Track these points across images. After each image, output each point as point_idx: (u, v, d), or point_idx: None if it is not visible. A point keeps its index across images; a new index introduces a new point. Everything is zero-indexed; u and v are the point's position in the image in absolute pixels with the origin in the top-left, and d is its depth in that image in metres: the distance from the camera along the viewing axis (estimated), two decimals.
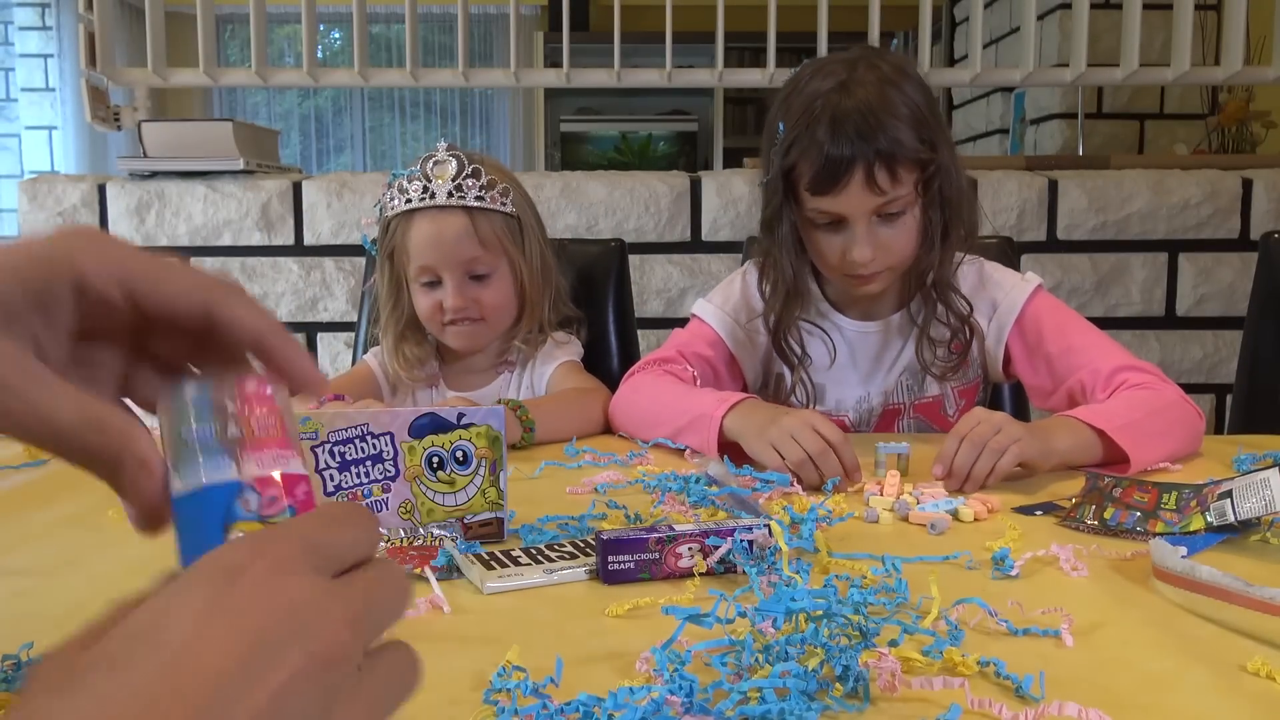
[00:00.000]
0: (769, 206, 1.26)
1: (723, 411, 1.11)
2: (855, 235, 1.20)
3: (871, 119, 1.16)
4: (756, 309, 1.34)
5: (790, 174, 1.22)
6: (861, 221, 1.20)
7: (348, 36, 4.51)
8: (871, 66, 1.20)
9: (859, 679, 0.54)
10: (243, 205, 2.07)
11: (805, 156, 1.19)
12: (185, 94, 5.40)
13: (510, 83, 2.38)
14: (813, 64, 1.25)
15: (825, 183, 1.18)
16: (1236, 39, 2.26)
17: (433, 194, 1.31)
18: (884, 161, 1.16)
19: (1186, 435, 1.14)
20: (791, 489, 0.96)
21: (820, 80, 1.20)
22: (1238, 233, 2.09)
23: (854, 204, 1.19)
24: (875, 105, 1.16)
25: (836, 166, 1.16)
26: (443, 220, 1.32)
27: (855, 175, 1.16)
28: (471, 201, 1.32)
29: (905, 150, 1.17)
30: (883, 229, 1.21)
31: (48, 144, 5.10)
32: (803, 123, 1.19)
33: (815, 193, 1.20)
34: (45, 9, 5.03)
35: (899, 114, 1.17)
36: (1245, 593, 0.63)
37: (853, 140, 1.15)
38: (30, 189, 2.08)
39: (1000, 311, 1.30)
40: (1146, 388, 1.16)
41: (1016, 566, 0.75)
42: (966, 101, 4.06)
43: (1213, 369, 2.11)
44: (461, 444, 0.80)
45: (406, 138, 6.00)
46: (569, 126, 5.36)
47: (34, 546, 0.84)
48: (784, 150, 1.21)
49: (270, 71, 2.31)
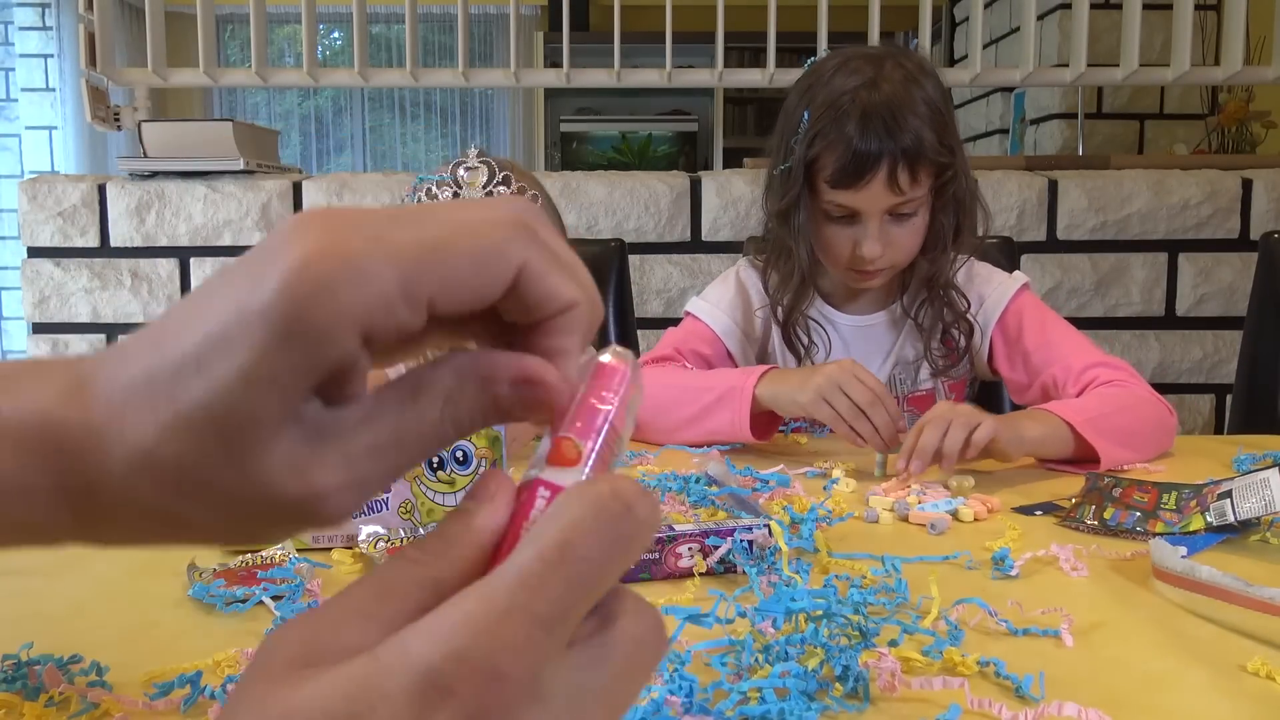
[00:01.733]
0: (786, 195, 1.26)
1: (753, 381, 1.13)
2: (868, 231, 1.22)
3: (900, 118, 1.17)
4: (753, 306, 1.35)
5: (811, 165, 1.23)
6: (875, 218, 1.22)
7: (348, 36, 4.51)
8: (898, 65, 1.22)
9: (859, 679, 0.54)
10: (243, 205, 2.07)
11: (830, 149, 1.20)
12: (185, 94, 5.40)
13: (510, 83, 2.38)
14: (837, 56, 1.26)
15: (849, 177, 1.20)
16: (1236, 39, 2.26)
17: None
18: (907, 161, 1.18)
19: (1156, 431, 1.16)
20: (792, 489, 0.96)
21: (847, 75, 1.21)
22: (1238, 233, 2.09)
23: (872, 200, 1.21)
24: (903, 104, 1.18)
25: (863, 162, 1.18)
26: None
27: (879, 173, 1.18)
28: None
29: (927, 151, 1.19)
30: (893, 227, 1.23)
31: (48, 144, 5.10)
32: (830, 115, 1.20)
33: (836, 185, 1.21)
34: (45, 9, 5.03)
35: (923, 115, 1.19)
36: (1245, 593, 0.63)
37: (880, 137, 1.17)
38: (30, 189, 2.08)
39: (986, 307, 1.32)
40: (1118, 384, 1.19)
41: (1016, 566, 0.75)
42: (966, 101, 4.06)
43: (1213, 369, 2.11)
44: (461, 444, 0.81)
45: (406, 138, 6.00)
46: (569, 126, 5.36)
47: None
48: (808, 140, 1.22)
49: (270, 71, 2.31)
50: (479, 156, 1.34)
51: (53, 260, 2.08)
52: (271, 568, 0.72)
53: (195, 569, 0.72)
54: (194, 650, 0.60)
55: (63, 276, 2.08)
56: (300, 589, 0.70)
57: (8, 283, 5.07)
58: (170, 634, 0.66)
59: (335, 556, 0.78)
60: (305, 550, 0.78)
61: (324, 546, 0.80)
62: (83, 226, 2.07)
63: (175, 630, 0.66)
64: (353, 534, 0.80)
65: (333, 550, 0.79)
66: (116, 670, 0.58)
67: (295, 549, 0.76)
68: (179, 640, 0.64)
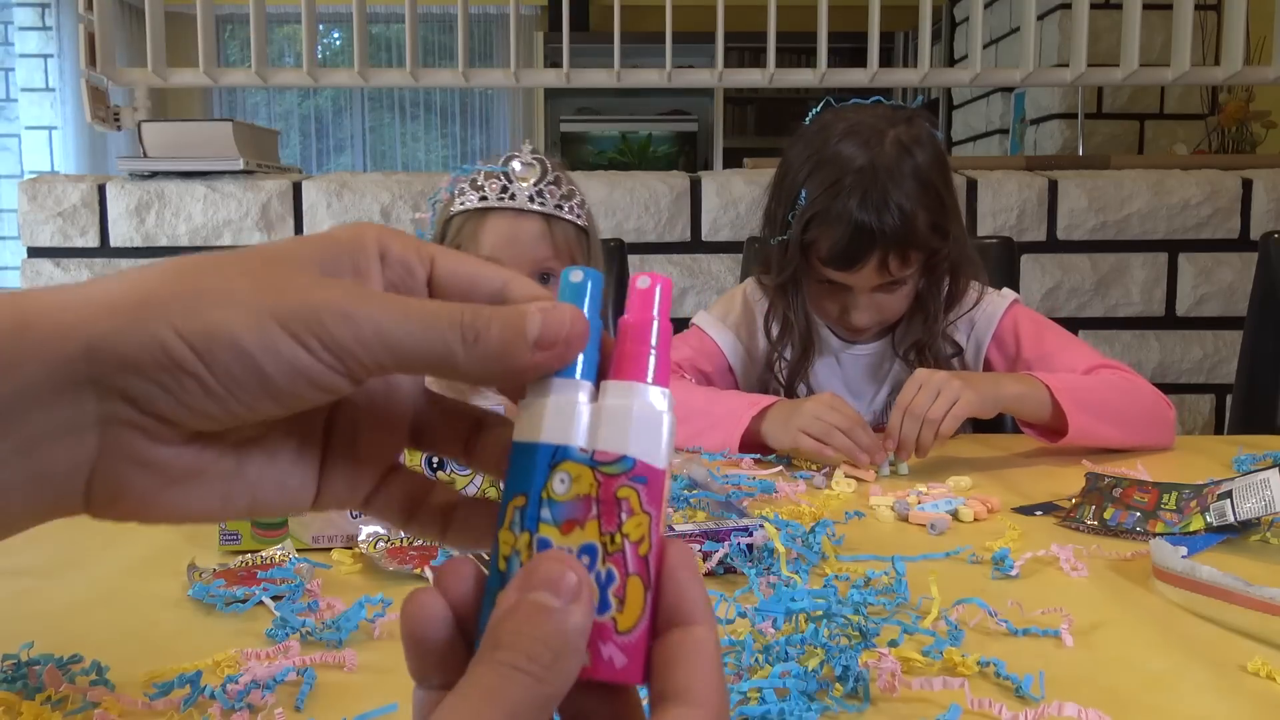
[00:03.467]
0: (784, 271, 1.28)
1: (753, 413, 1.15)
2: (857, 304, 1.27)
3: (896, 210, 1.19)
4: (758, 326, 1.37)
5: (806, 242, 1.25)
6: (865, 293, 1.26)
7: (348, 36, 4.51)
8: (896, 140, 1.22)
9: (859, 679, 0.54)
10: (243, 205, 2.07)
11: (826, 234, 1.22)
12: (185, 94, 5.40)
13: (510, 83, 2.38)
14: (838, 125, 1.25)
15: (842, 261, 1.22)
16: (1236, 39, 2.26)
17: (513, 195, 1.29)
18: (899, 249, 1.21)
19: (1147, 417, 1.18)
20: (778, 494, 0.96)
21: (846, 148, 1.22)
22: (1238, 233, 2.09)
23: (864, 280, 1.25)
24: (900, 191, 1.19)
25: (856, 250, 1.21)
26: (520, 222, 1.30)
27: (871, 261, 1.21)
28: (550, 209, 1.31)
29: (919, 237, 1.21)
30: (882, 296, 1.27)
31: (48, 144, 5.10)
32: (828, 197, 1.21)
33: (829, 265, 1.24)
34: (45, 9, 5.03)
35: (917, 198, 1.20)
36: (1245, 593, 0.63)
37: (874, 230, 1.19)
38: (30, 189, 2.08)
39: (977, 328, 1.34)
40: (1119, 375, 1.22)
41: (1016, 566, 0.75)
42: (966, 101, 4.06)
43: (1213, 369, 2.11)
44: None
45: (406, 138, 6.00)
46: (569, 126, 5.36)
47: (34, 546, 0.84)
48: (804, 221, 1.24)
49: (270, 71, 2.31)
50: (533, 154, 1.33)
51: (53, 260, 2.08)
52: (271, 568, 0.72)
53: (195, 569, 0.72)
54: (194, 650, 0.60)
55: (63, 277, 2.08)
56: (300, 589, 0.70)
57: (8, 283, 5.07)
58: (170, 634, 0.66)
59: (335, 556, 0.78)
60: (305, 550, 0.78)
61: (324, 547, 0.80)
62: (83, 226, 2.07)
63: (175, 630, 0.66)
64: (353, 534, 0.80)
65: (333, 550, 0.79)
66: (116, 670, 0.58)
67: (295, 549, 0.76)
68: (179, 640, 0.64)
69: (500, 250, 1.31)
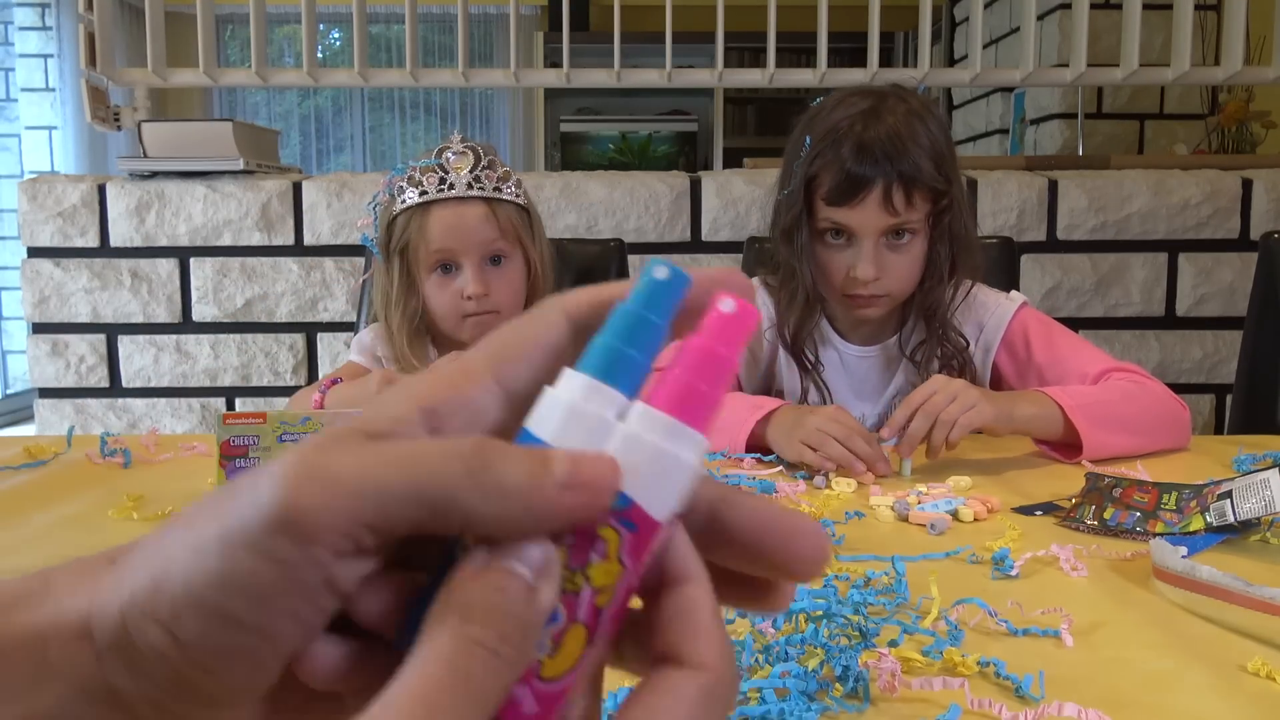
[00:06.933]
0: (788, 214, 1.29)
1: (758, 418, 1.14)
2: (862, 252, 1.24)
3: (896, 142, 1.21)
4: (762, 325, 1.36)
5: (811, 184, 1.26)
6: (870, 239, 1.24)
7: (348, 36, 4.51)
8: (900, 99, 1.26)
9: (859, 679, 0.54)
10: (243, 205, 2.07)
11: (828, 169, 1.24)
12: (185, 94, 5.40)
13: (510, 83, 2.38)
14: (841, 92, 1.31)
15: (843, 194, 1.22)
16: (1236, 39, 2.26)
17: (451, 185, 1.32)
18: (902, 183, 1.21)
19: (1162, 421, 1.17)
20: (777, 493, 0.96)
21: (848, 107, 1.25)
22: (1238, 233, 2.09)
23: (867, 220, 1.23)
24: (900, 131, 1.22)
25: (857, 180, 1.21)
26: (463, 210, 1.33)
27: (873, 192, 1.21)
28: (490, 192, 1.33)
29: (923, 176, 1.21)
30: (889, 253, 1.25)
31: (48, 144, 5.10)
32: (829, 137, 1.24)
33: (831, 203, 1.24)
34: (45, 9, 5.03)
35: (921, 143, 1.22)
36: (1245, 593, 0.63)
37: (876, 158, 1.20)
38: (30, 189, 2.08)
39: (986, 331, 1.33)
40: (1130, 381, 1.20)
41: (1016, 566, 0.75)
42: (966, 101, 4.06)
43: (1213, 369, 2.11)
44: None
45: (406, 138, 6.00)
46: (569, 126, 5.36)
47: (34, 546, 0.84)
48: (808, 161, 1.25)
49: (270, 71, 2.31)
50: (463, 142, 1.35)
51: (52, 260, 2.08)
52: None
53: None
54: None
55: (63, 276, 2.08)
56: None
57: (8, 283, 5.07)
58: None
59: None
60: None
61: None
62: (82, 226, 2.07)
63: None
64: None
65: None
66: None
67: None
68: None
69: (448, 239, 1.33)
